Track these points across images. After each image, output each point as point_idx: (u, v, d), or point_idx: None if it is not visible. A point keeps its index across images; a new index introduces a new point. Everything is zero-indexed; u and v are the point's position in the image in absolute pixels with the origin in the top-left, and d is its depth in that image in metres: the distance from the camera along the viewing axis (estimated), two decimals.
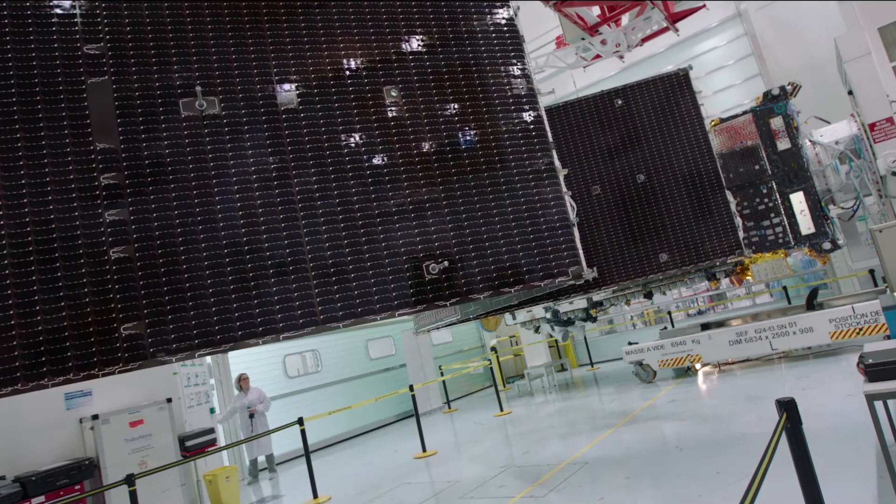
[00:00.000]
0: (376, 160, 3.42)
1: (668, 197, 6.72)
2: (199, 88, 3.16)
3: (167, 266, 2.88)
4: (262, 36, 3.38)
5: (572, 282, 3.55)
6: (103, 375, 2.65)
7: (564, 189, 3.71)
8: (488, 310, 5.66)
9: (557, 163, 3.74)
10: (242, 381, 10.34)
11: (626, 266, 6.57)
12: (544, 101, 3.97)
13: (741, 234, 6.63)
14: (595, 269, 3.69)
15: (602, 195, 6.75)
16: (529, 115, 3.82)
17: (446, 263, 3.36)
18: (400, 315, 3.22)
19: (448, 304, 3.32)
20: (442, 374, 14.64)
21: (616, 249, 6.62)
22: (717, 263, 6.88)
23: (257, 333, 2.92)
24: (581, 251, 3.61)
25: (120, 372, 2.68)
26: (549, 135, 3.81)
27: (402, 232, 3.37)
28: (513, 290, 3.42)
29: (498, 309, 6.15)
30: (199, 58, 3.24)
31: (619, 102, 6.92)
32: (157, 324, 2.77)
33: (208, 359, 10.55)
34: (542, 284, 3.47)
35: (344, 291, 3.14)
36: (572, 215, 3.66)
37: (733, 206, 6.75)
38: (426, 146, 3.55)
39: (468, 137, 3.67)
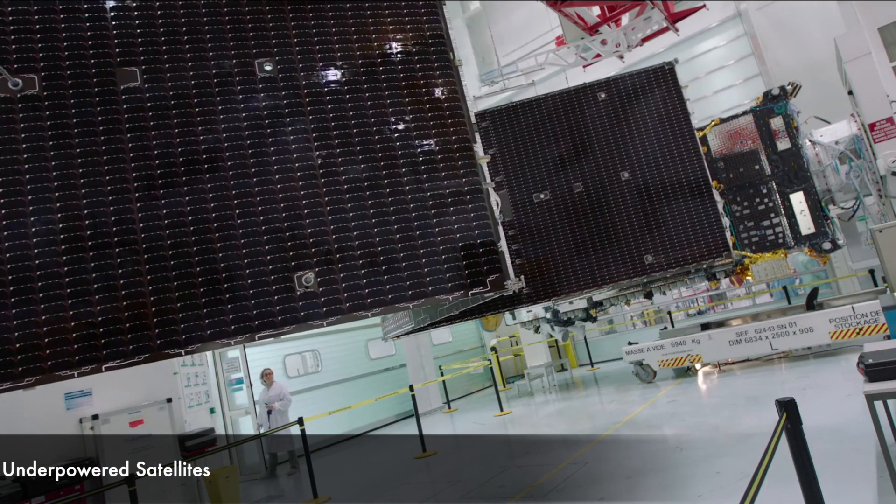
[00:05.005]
0: (247, 153, 2.93)
1: (652, 196, 6.38)
2: None
3: (14, 275, 2.50)
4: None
5: (491, 294, 2.93)
6: None
7: (488, 180, 3.04)
8: (435, 319, 5.22)
9: (479, 149, 3.10)
10: (266, 376, 10.33)
11: (608, 268, 6.27)
12: (527, 95, 3.63)
13: (728, 235, 6.42)
14: (523, 278, 3.02)
15: (584, 192, 6.41)
16: (440, 89, 3.10)
17: (312, 275, 2.76)
18: (260, 338, 2.72)
19: (325, 323, 2.77)
20: (442, 374, 14.63)
21: (599, 251, 6.32)
22: (704, 266, 6.70)
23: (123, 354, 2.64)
24: (507, 257, 3.00)
25: None
26: (471, 115, 3.16)
27: (269, 236, 2.79)
28: (411, 305, 2.87)
29: (447, 317, 5.36)
30: (15, 27, 2.66)
31: (603, 96, 6.60)
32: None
33: (209, 357, 10.54)
34: (450, 298, 2.91)
35: (215, 305, 2.72)
36: (497, 212, 3.05)
37: (720, 206, 6.51)
38: (312, 133, 2.98)
39: (353, 117, 2.98)
